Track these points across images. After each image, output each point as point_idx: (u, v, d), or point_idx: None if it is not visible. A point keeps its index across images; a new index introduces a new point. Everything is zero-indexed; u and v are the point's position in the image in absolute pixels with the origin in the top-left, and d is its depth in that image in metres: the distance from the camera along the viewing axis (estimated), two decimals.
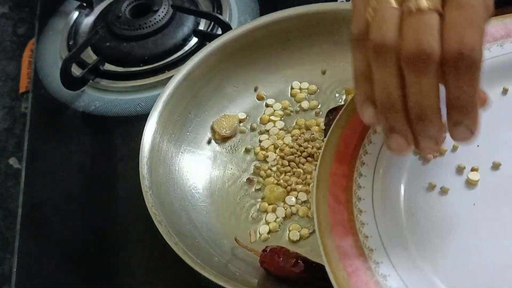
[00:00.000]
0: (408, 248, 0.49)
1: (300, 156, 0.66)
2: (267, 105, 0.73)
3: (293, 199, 0.64)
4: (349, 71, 0.73)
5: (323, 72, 0.74)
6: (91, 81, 0.83)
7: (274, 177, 0.66)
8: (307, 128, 0.69)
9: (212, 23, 0.86)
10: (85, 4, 0.94)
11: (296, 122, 0.71)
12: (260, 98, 0.73)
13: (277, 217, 0.63)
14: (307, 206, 0.63)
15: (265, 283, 0.57)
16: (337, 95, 0.72)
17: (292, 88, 0.74)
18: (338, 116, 0.54)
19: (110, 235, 0.69)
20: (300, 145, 0.67)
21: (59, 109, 0.83)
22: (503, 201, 0.50)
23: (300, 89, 0.74)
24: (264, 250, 0.57)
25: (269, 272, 0.57)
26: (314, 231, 0.61)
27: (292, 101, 0.73)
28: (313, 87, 0.73)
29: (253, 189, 0.66)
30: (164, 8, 0.86)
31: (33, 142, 0.80)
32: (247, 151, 0.69)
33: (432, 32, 0.39)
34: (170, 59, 0.83)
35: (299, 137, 0.68)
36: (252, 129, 0.71)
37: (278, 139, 0.69)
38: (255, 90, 0.74)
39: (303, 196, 0.64)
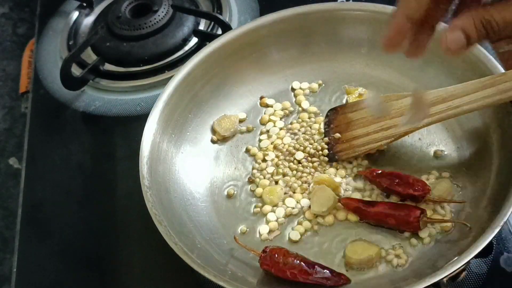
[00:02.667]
0: None
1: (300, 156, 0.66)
2: (267, 105, 0.73)
3: (293, 200, 0.63)
4: (349, 71, 0.74)
5: (323, 72, 0.74)
6: (91, 81, 0.83)
7: (273, 176, 0.66)
8: (307, 126, 0.69)
9: (212, 23, 0.86)
10: (85, 4, 0.94)
11: (299, 116, 0.71)
12: (263, 104, 0.73)
13: (277, 217, 0.63)
14: (308, 207, 0.63)
15: (265, 283, 0.57)
16: (337, 95, 0.72)
17: (292, 88, 0.74)
18: None
19: (110, 235, 0.69)
20: (300, 145, 0.67)
21: (59, 109, 0.83)
22: None
23: (300, 89, 0.74)
24: (264, 251, 0.57)
25: (269, 272, 0.56)
26: (314, 231, 0.61)
27: (292, 101, 0.73)
28: (313, 87, 0.73)
29: (253, 189, 0.66)
30: (164, 8, 0.86)
31: (33, 142, 0.80)
32: (247, 151, 0.69)
33: None
34: (170, 59, 0.83)
35: (299, 132, 0.68)
36: (252, 130, 0.71)
37: (278, 139, 0.69)
38: (261, 98, 0.73)
39: (304, 198, 0.63)
